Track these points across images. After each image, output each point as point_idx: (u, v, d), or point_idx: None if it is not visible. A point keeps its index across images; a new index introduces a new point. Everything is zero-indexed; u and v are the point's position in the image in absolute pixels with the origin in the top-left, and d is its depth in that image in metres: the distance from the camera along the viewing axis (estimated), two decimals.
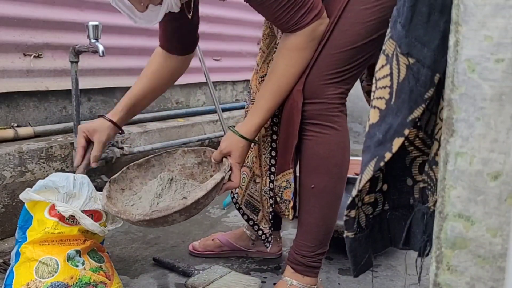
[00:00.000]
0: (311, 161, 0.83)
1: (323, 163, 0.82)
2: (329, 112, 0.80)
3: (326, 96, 0.79)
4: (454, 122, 0.38)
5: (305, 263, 0.86)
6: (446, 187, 0.38)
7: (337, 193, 0.84)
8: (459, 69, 0.37)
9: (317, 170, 0.82)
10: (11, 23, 1.24)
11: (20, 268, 0.78)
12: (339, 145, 0.82)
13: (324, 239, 0.86)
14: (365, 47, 0.79)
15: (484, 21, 0.36)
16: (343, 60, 0.79)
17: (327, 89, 0.79)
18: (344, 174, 0.85)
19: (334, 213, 0.85)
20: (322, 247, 0.86)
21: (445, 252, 0.39)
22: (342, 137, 0.82)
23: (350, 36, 0.78)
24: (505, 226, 0.37)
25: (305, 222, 0.86)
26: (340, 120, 0.81)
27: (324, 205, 0.84)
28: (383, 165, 0.44)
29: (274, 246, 1.09)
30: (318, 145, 0.81)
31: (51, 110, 1.37)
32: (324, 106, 0.80)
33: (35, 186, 0.84)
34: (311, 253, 0.85)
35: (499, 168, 0.37)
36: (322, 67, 0.79)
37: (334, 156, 0.82)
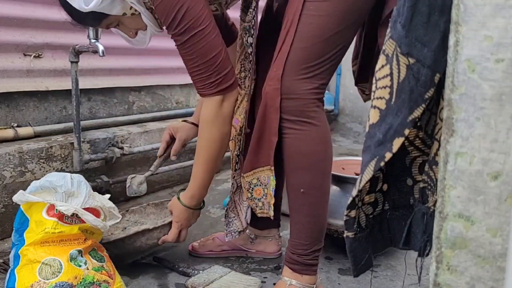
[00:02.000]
0: (294, 159, 0.82)
1: (306, 160, 0.81)
2: (306, 108, 0.80)
3: (301, 92, 0.79)
4: (454, 122, 0.38)
5: (302, 261, 0.85)
6: (446, 187, 0.38)
7: (324, 188, 0.84)
8: (459, 69, 0.37)
9: (301, 167, 0.82)
10: (11, 23, 1.24)
11: (22, 270, 0.78)
12: (320, 140, 0.82)
13: (318, 235, 0.86)
14: (334, 39, 0.78)
15: (484, 21, 0.36)
16: (313, 54, 0.78)
17: (302, 84, 0.79)
18: (329, 169, 0.84)
19: (324, 209, 0.85)
20: (317, 244, 0.86)
21: (445, 252, 0.39)
22: (322, 132, 0.82)
23: (316, 29, 0.77)
24: (505, 226, 0.37)
25: (296, 221, 0.85)
26: (318, 115, 0.81)
27: (312, 202, 0.83)
28: (383, 165, 0.44)
29: (273, 245, 1.09)
30: (299, 142, 0.81)
31: (51, 110, 1.37)
32: (300, 102, 0.79)
33: (30, 187, 0.84)
34: (307, 251, 0.85)
35: (499, 168, 0.37)
36: (294, 63, 0.79)
37: (317, 151, 0.81)
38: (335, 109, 2.72)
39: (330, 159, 0.85)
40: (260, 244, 1.08)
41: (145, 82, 1.65)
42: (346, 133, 2.74)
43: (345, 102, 2.73)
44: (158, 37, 1.03)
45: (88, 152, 1.33)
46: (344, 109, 2.74)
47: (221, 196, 1.53)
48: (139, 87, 1.65)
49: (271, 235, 1.08)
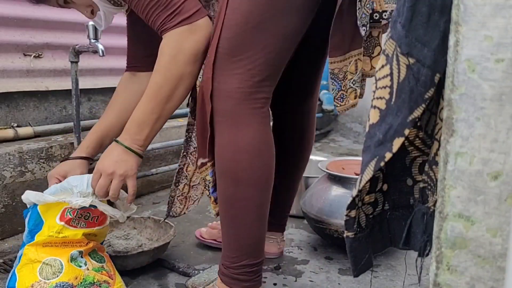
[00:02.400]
0: (219, 165, 0.74)
1: (229, 168, 0.72)
2: (234, 109, 0.69)
3: (231, 90, 0.69)
4: (454, 122, 0.38)
5: (229, 274, 0.77)
6: (446, 187, 0.38)
7: (250, 200, 0.73)
8: (459, 69, 0.37)
9: (225, 175, 0.73)
10: (11, 23, 1.24)
11: (23, 270, 0.78)
12: (246, 149, 0.71)
13: (247, 250, 0.75)
14: (264, 27, 0.67)
15: (484, 21, 0.36)
16: (241, 44, 0.68)
17: (231, 81, 0.69)
18: (258, 180, 0.73)
19: (251, 223, 0.74)
20: (247, 259, 0.76)
21: (445, 252, 0.39)
22: (250, 140, 0.71)
23: (240, 16, 0.67)
24: (505, 226, 0.37)
25: (222, 231, 0.78)
26: (248, 118, 0.70)
27: (236, 214, 0.74)
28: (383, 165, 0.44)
29: (273, 246, 1.08)
30: (223, 147, 0.72)
31: (51, 110, 1.37)
32: (229, 102, 0.69)
33: (51, 189, 0.83)
34: (233, 264, 0.76)
35: (499, 168, 0.37)
36: (222, 54, 0.69)
37: (241, 160, 0.71)
38: (335, 109, 2.72)
39: (260, 170, 0.73)
40: None
41: None
42: (346, 133, 2.74)
43: None
44: None
45: None
46: None
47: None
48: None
49: (273, 237, 1.07)
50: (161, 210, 1.41)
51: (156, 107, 0.76)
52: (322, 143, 2.58)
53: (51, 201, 0.79)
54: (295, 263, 1.06)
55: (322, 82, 3.25)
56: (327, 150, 2.38)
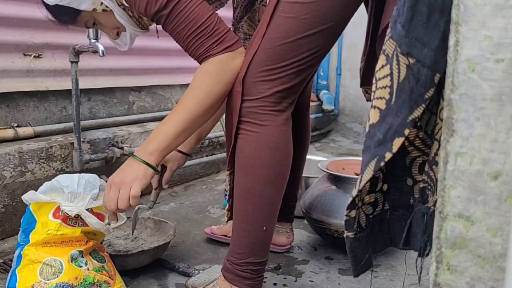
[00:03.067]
0: (239, 161, 0.78)
1: (248, 163, 0.76)
2: (260, 110, 0.75)
3: (258, 93, 0.75)
4: (454, 122, 0.38)
5: (233, 270, 0.79)
6: (446, 187, 0.38)
7: (265, 197, 0.77)
8: (459, 69, 0.37)
9: (243, 170, 0.77)
10: (11, 23, 1.24)
11: (23, 270, 0.78)
12: (267, 145, 0.75)
13: (254, 247, 0.78)
14: (301, 43, 0.74)
15: (484, 21, 0.36)
16: (276, 56, 0.74)
17: (260, 86, 0.75)
18: (274, 177, 0.77)
19: (263, 219, 0.77)
20: (252, 257, 0.78)
21: (445, 252, 0.39)
22: (271, 137, 0.76)
23: (282, 30, 0.74)
24: (505, 226, 0.37)
25: (233, 226, 0.80)
26: (273, 119, 0.76)
27: (249, 209, 0.77)
28: (383, 165, 0.44)
29: (283, 238, 1.09)
30: (245, 144, 0.76)
31: (51, 110, 1.37)
32: (255, 104, 0.75)
33: (42, 187, 0.84)
34: (239, 261, 0.78)
35: (499, 168, 0.37)
36: (256, 64, 0.75)
37: (260, 156, 0.75)
38: (335, 109, 2.72)
39: (279, 167, 0.77)
40: None
41: (145, 82, 1.65)
42: (346, 133, 2.74)
43: (345, 102, 2.73)
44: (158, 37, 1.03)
45: (88, 152, 1.33)
46: (344, 109, 2.74)
47: (221, 196, 1.53)
48: (139, 87, 1.65)
49: (283, 228, 1.09)
50: (161, 210, 1.41)
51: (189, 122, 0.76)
52: (322, 143, 2.58)
53: (42, 200, 0.80)
54: (295, 263, 1.06)
55: (322, 82, 3.25)
56: (327, 150, 2.38)
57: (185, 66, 1.77)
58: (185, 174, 1.70)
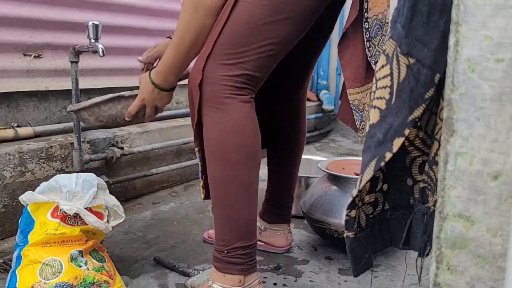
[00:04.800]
0: (207, 148, 0.79)
1: (216, 150, 0.77)
2: (220, 94, 0.76)
3: (218, 77, 0.76)
4: (454, 122, 0.38)
5: (222, 258, 0.80)
6: (446, 187, 0.38)
7: (239, 180, 0.77)
8: (459, 69, 0.37)
9: (213, 157, 0.78)
10: (11, 23, 1.24)
11: (23, 270, 0.78)
12: (232, 129, 0.76)
13: (239, 232, 0.78)
14: (262, 30, 0.74)
15: (484, 21, 0.36)
16: (236, 40, 0.75)
17: (220, 70, 0.76)
18: (245, 159, 0.77)
19: (243, 202, 0.78)
20: (239, 241, 0.78)
21: (445, 252, 0.39)
22: (236, 120, 0.76)
23: (243, 16, 0.74)
24: (505, 226, 0.37)
25: (214, 215, 0.81)
26: (233, 102, 0.76)
27: (226, 195, 0.77)
28: (383, 165, 0.44)
29: (282, 240, 1.09)
30: (210, 129, 0.77)
31: (51, 110, 1.37)
32: (215, 87, 0.76)
33: (39, 188, 0.84)
34: (227, 247, 0.79)
35: (499, 168, 0.37)
36: (218, 48, 0.76)
37: (227, 141, 0.76)
38: (335, 109, 2.72)
39: (247, 148, 0.77)
40: (269, 237, 1.09)
41: None
42: (346, 133, 2.74)
43: None
44: (158, 37, 1.03)
45: (88, 152, 1.33)
46: None
47: None
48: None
49: (281, 230, 1.09)
50: (161, 210, 1.41)
51: (180, 55, 0.82)
52: (322, 143, 2.58)
53: (40, 200, 0.80)
54: (295, 263, 1.06)
55: (322, 82, 3.24)
56: (327, 150, 2.38)
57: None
58: (185, 174, 1.70)
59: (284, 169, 1.07)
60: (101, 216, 0.86)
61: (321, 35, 0.99)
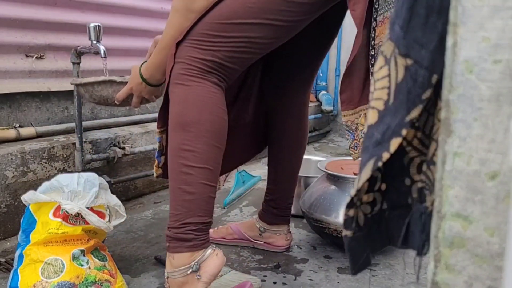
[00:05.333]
0: (170, 121, 0.79)
1: (177, 122, 0.77)
2: (187, 72, 0.77)
3: (188, 58, 0.77)
4: (451, 122, 0.38)
5: (172, 235, 0.76)
6: (444, 187, 0.39)
7: (197, 153, 0.75)
8: (457, 70, 0.38)
9: (173, 129, 0.78)
10: (13, 24, 1.24)
11: (25, 270, 0.79)
12: (194, 103, 0.76)
13: (192, 206, 0.75)
14: (240, 28, 0.75)
15: (482, 22, 0.37)
16: (214, 30, 0.76)
17: (191, 52, 0.77)
18: (205, 133, 0.76)
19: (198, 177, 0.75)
20: (192, 217, 0.74)
21: (443, 251, 0.39)
22: (198, 95, 0.76)
23: (227, 11, 0.76)
24: (502, 226, 0.37)
25: (169, 187, 0.78)
26: (199, 81, 0.77)
27: (180, 167, 0.75)
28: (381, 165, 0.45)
29: (282, 240, 1.10)
30: (174, 104, 0.78)
31: (53, 110, 1.37)
32: (183, 66, 0.77)
33: (41, 187, 0.85)
34: (177, 223, 0.75)
35: (496, 168, 0.37)
36: (193, 33, 0.78)
37: (187, 113, 0.76)
38: (334, 109, 2.73)
39: (208, 123, 0.76)
40: (269, 238, 1.10)
41: None
42: (345, 133, 2.74)
43: None
44: None
45: (90, 152, 1.34)
46: None
47: (221, 196, 1.53)
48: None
49: (280, 230, 1.10)
50: (162, 209, 1.41)
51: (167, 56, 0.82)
52: (321, 143, 2.58)
53: (42, 200, 0.80)
54: (295, 262, 1.07)
55: (321, 83, 3.25)
56: (326, 150, 2.38)
57: None
58: None
59: (286, 170, 1.08)
60: (103, 215, 0.87)
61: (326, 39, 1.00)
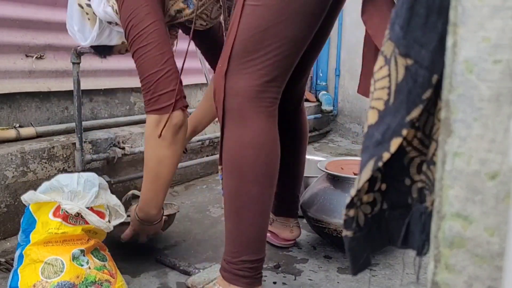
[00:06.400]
0: (225, 162, 0.78)
1: (234, 164, 0.76)
2: (242, 106, 0.74)
3: (240, 89, 0.74)
4: (451, 122, 0.38)
5: (230, 270, 0.80)
6: (444, 187, 0.39)
7: (253, 196, 0.76)
8: (457, 70, 0.38)
9: (229, 171, 0.77)
10: (13, 24, 1.24)
11: (25, 270, 0.79)
12: (251, 145, 0.74)
13: (248, 245, 0.78)
14: (274, 31, 0.72)
15: (482, 22, 0.37)
16: (251, 46, 0.73)
17: (241, 80, 0.74)
18: (261, 177, 0.76)
19: (253, 217, 0.77)
20: (247, 255, 0.78)
21: (443, 251, 0.39)
22: (255, 137, 0.75)
23: (254, 20, 0.73)
24: (502, 226, 0.37)
25: (226, 226, 0.81)
26: (255, 116, 0.74)
27: (238, 208, 0.77)
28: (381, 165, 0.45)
29: (288, 232, 1.10)
30: (230, 143, 0.76)
31: (53, 110, 1.37)
32: (236, 100, 0.74)
33: (41, 187, 0.85)
34: (235, 259, 0.79)
35: (496, 168, 0.37)
36: (235, 57, 0.75)
37: (245, 156, 0.75)
38: (334, 109, 2.73)
39: (264, 166, 0.76)
40: (276, 228, 1.10)
41: None
42: (345, 133, 2.74)
43: (344, 103, 2.73)
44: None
45: (89, 152, 1.34)
46: (343, 110, 2.74)
47: (221, 196, 1.53)
48: None
49: (287, 223, 1.11)
50: None
51: (151, 186, 0.90)
52: (321, 143, 2.58)
53: (42, 200, 0.80)
54: (295, 262, 1.07)
55: (321, 83, 3.24)
56: (326, 150, 2.38)
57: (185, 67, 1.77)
58: (186, 173, 1.71)
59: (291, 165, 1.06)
60: (103, 215, 0.87)
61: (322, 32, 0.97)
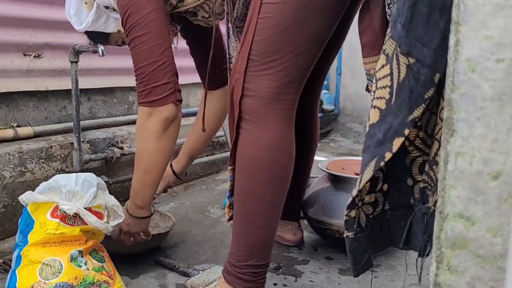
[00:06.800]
0: (239, 162, 0.76)
1: (249, 165, 0.74)
2: (261, 108, 0.72)
3: (259, 90, 0.72)
4: (454, 122, 0.38)
5: (233, 273, 0.78)
6: (447, 187, 0.38)
7: (265, 199, 0.74)
8: (460, 69, 0.37)
9: (243, 172, 0.75)
10: (11, 23, 1.24)
11: (23, 270, 0.78)
12: (268, 147, 0.72)
13: (254, 250, 0.76)
14: (294, 29, 0.70)
15: (484, 21, 0.36)
16: (271, 46, 0.70)
17: (261, 81, 0.72)
18: (276, 180, 0.74)
19: (263, 222, 0.75)
20: (253, 259, 0.76)
21: (446, 252, 0.39)
22: (273, 138, 0.72)
23: (273, 19, 0.70)
24: (505, 226, 0.37)
25: (233, 228, 0.79)
26: (274, 118, 0.72)
27: (248, 212, 0.75)
28: (383, 165, 0.44)
29: (290, 234, 1.11)
30: (246, 144, 0.74)
31: (51, 110, 1.37)
32: (255, 100, 0.72)
33: (39, 188, 0.84)
34: (240, 263, 0.77)
35: (499, 168, 0.37)
36: (254, 57, 0.72)
37: (261, 158, 0.73)
38: (335, 109, 2.72)
39: (280, 169, 0.74)
40: (278, 231, 1.10)
41: None
42: (346, 133, 2.74)
43: (345, 102, 2.73)
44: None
45: (88, 152, 1.33)
46: (345, 109, 2.74)
47: (221, 196, 1.53)
48: None
49: (289, 226, 1.11)
50: (161, 210, 1.41)
51: (140, 178, 0.90)
52: (322, 143, 2.58)
53: (40, 200, 0.80)
54: (295, 263, 1.06)
55: None
56: (327, 150, 2.38)
57: (184, 66, 1.77)
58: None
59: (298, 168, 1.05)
60: (101, 216, 0.86)
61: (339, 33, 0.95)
